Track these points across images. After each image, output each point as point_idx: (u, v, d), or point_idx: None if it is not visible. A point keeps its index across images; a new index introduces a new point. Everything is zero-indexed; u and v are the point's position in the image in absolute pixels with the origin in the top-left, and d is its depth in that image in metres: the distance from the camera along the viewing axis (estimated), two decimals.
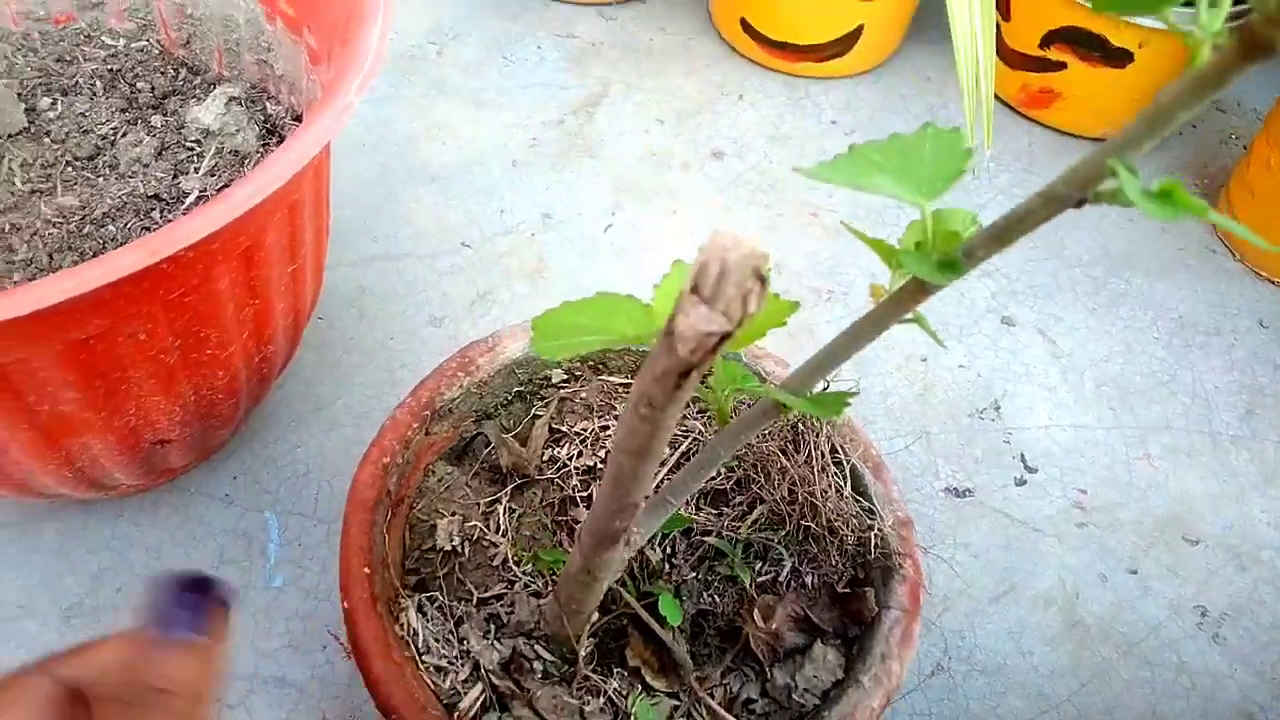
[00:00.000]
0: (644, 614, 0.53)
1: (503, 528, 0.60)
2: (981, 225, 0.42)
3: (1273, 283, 1.12)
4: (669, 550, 0.60)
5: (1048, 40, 1.17)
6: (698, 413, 0.66)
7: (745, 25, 1.24)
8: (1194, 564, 0.88)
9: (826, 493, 0.58)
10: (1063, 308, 1.06)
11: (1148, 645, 0.82)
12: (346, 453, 0.85)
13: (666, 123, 1.20)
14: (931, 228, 0.36)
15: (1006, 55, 1.23)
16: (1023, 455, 0.93)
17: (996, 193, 1.17)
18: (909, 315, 0.41)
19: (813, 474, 0.59)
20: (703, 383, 0.50)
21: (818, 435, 0.61)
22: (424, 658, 0.52)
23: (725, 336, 0.29)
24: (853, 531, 0.57)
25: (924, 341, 1.00)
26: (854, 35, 1.22)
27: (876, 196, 1.13)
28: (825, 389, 0.48)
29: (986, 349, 1.01)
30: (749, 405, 0.53)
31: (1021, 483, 0.91)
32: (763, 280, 0.27)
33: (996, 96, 1.27)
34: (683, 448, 0.64)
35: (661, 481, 0.61)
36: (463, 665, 0.52)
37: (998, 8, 1.22)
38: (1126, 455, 0.95)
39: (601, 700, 0.52)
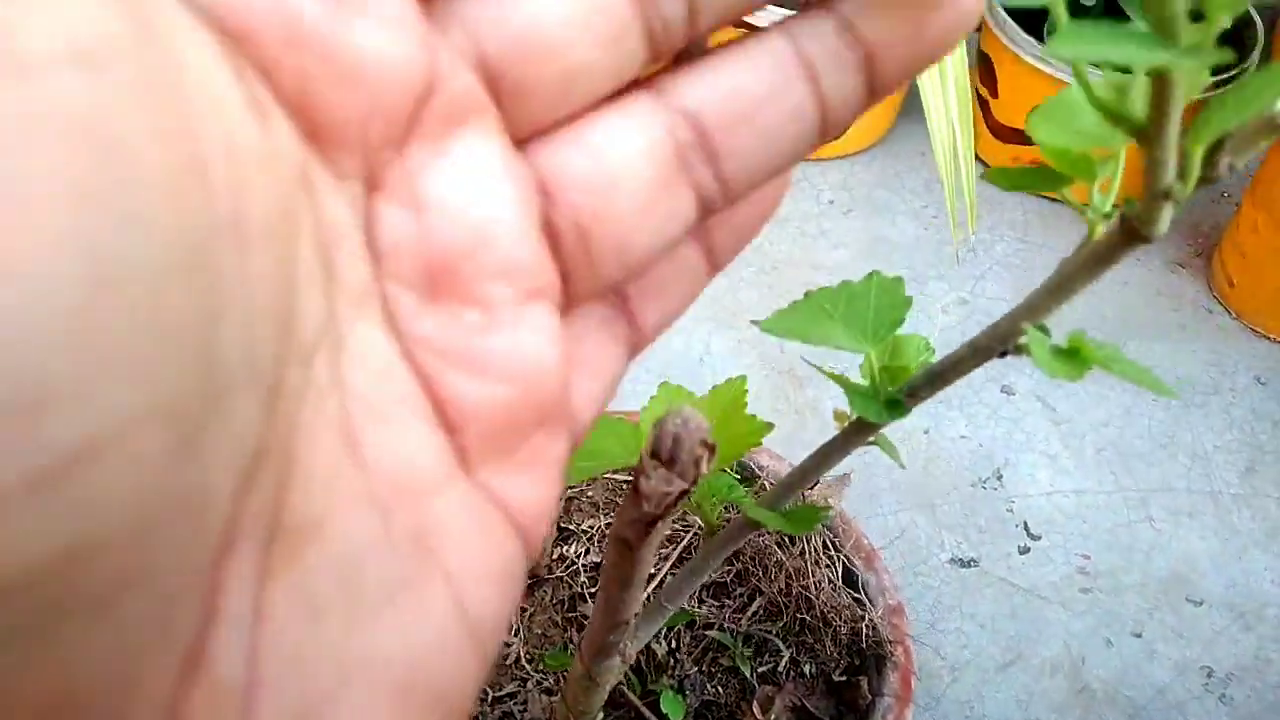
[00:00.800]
0: (647, 713, 0.57)
1: (514, 627, 0.64)
2: (933, 351, 0.46)
3: (1269, 339, 1.14)
4: (674, 644, 0.63)
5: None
6: (697, 506, 0.69)
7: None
8: (1199, 625, 0.90)
9: (820, 585, 0.62)
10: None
11: (1155, 708, 0.84)
12: None
13: None
14: (877, 372, 0.40)
15: (996, 129, 1.28)
16: (1025, 523, 0.96)
17: (993, 263, 1.21)
18: (871, 439, 0.45)
19: (806, 566, 0.63)
20: (690, 499, 0.54)
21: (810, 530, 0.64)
22: None
23: (684, 492, 0.33)
24: (845, 622, 0.60)
25: (926, 413, 1.04)
26: None
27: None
28: (813, 486, 0.52)
29: (987, 418, 1.04)
30: (739, 511, 0.57)
31: (1025, 551, 0.94)
32: (710, 448, 0.32)
33: (990, 168, 1.31)
34: (685, 541, 0.68)
35: (663, 579, 0.65)
36: None
37: (985, 84, 1.27)
38: (1128, 518, 0.97)
39: None
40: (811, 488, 0.68)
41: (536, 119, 0.17)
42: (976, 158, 1.35)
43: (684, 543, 0.68)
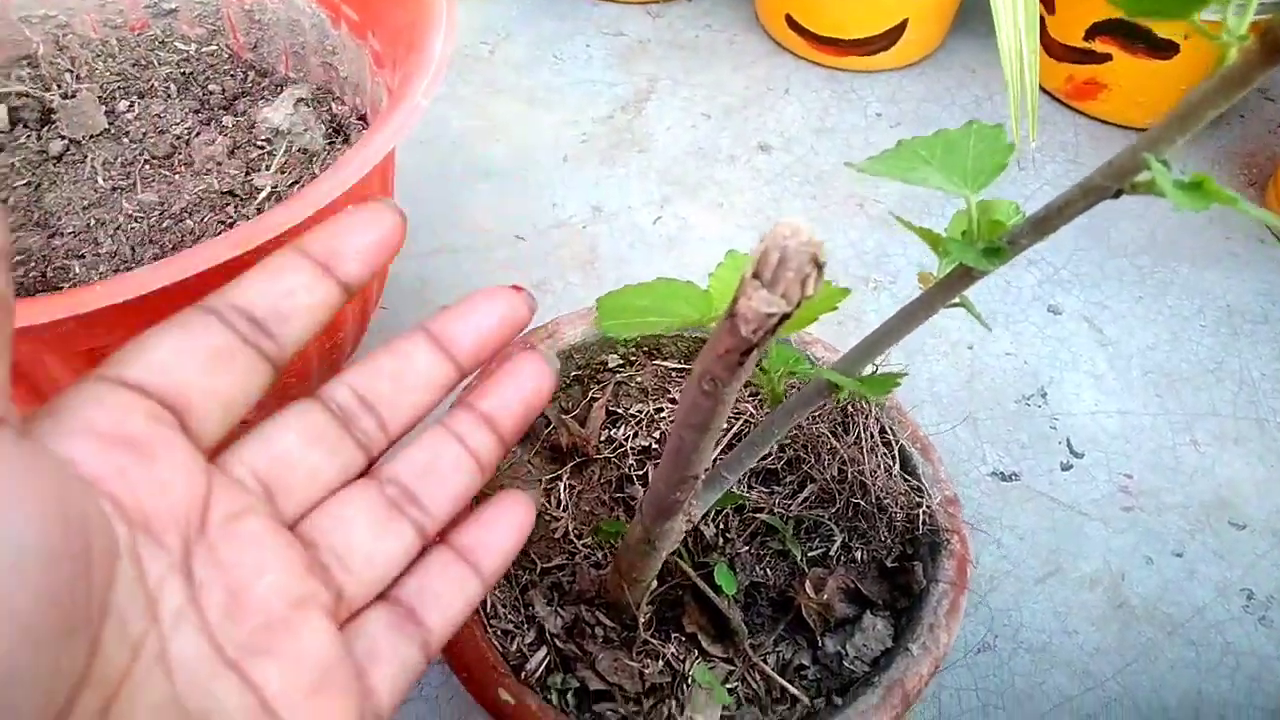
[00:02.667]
0: (701, 583, 0.56)
1: (563, 503, 0.63)
2: (1024, 215, 0.44)
3: None
4: (722, 526, 0.62)
5: (1092, 32, 1.18)
6: (750, 395, 0.68)
7: (790, 21, 1.26)
8: (1240, 548, 0.89)
9: (876, 472, 0.60)
10: (1109, 296, 1.07)
11: (1193, 626, 0.83)
12: None
13: (713, 117, 1.22)
14: (977, 217, 0.38)
15: (1051, 48, 1.24)
16: (1069, 440, 0.95)
17: (1043, 183, 1.18)
18: (955, 300, 0.43)
19: (862, 454, 0.61)
20: (758, 367, 0.52)
21: (867, 417, 0.63)
22: (492, 622, 0.55)
23: (784, 317, 0.31)
24: (901, 509, 0.59)
25: (970, 329, 1.02)
26: (899, 29, 1.24)
27: (922, 190, 1.15)
28: (874, 372, 0.50)
29: (1033, 337, 1.03)
30: (799, 388, 0.56)
31: (1068, 467, 0.93)
32: (819, 266, 0.30)
33: (1042, 88, 1.28)
34: (735, 429, 0.66)
35: (716, 460, 0.64)
36: (528, 630, 0.55)
37: (1042, 1, 1.23)
38: (1173, 441, 0.96)
39: (660, 664, 0.55)
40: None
41: (298, 505, 0.29)
42: None
43: (735, 430, 0.67)
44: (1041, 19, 1.25)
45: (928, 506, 0.58)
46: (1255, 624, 0.84)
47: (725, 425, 0.67)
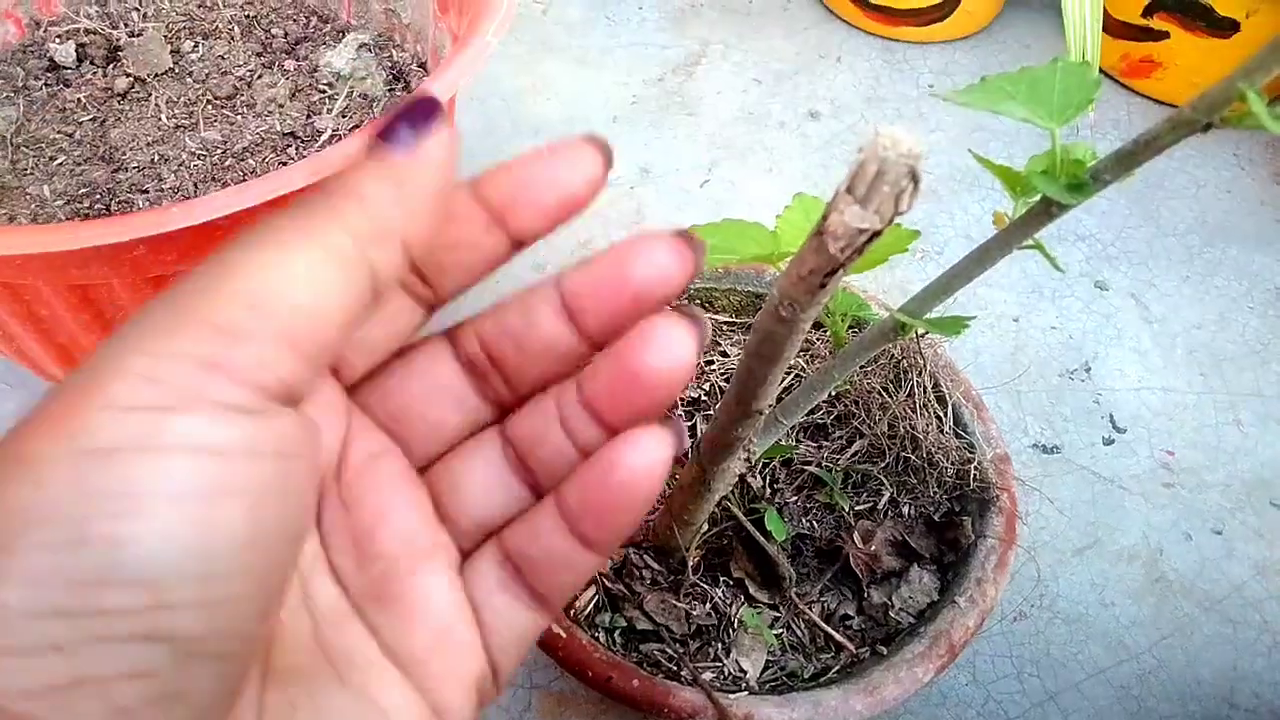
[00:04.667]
0: (750, 527, 0.57)
1: None
2: (1098, 155, 0.44)
3: None
4: (770, 478, 0.63)
5: (1151, 9, 1.17)
6: (802, 350, 0.68)
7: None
8: None
9: (928, 428, 0.61)
10: (1156, 274, 1.07)
11: (1231, 603, 0.83)
12: None
13: (764, 83, 1.22)
14: (1059, 153, 0.38)
15: (1108, 24, 1.23)
16: (1111, 416, 0.94)
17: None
18: (1030, 241, 0.44)
19: (914, 410, 0.62)
20: (825, 308, 0.53)
21: (921, 374, 0.63)
22: None
23: (875, 234, 0.31)
24: (952, 464, 0.59)
25: (1016, 302, 1.02)
26: (953, 1, 1.23)
27: (972, 163, 1.14)
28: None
29: (1079, 312, 1.02)
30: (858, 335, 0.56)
31: (1109, 442, 0.93)
32: (916, 180, 0.30)
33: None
34: (787, 382, 0.67)
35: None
36: None
37: None
38: (1216, 420, 0.95)
39: (707, 607, 0.56)
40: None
41: (424, 453, 0.28)
42: None
43: (785, 384, 0.67)
44: None
45: (979, 462, 0.59)
46: None
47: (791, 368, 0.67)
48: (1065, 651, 0.79)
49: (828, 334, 0.66)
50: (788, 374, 0.67)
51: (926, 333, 0.63)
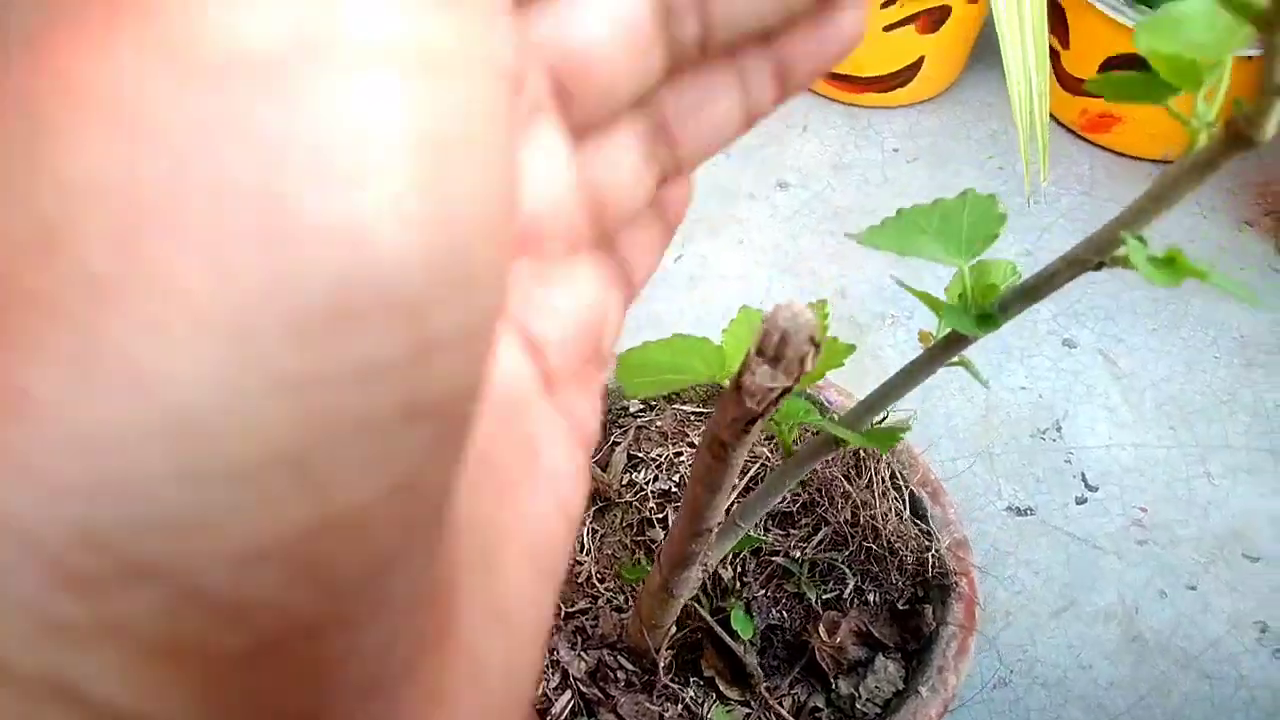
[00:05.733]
0: (718, 628, 0.58)
1: (586, 547, 0.65)
2: (1020, 277, 0.47)
3: None
4: (740, 569, 0.64)
5: (1106, 67, 1.20)
6: (766, 439, 0.70)
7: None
8: (1254, 580, 0.90)
9: (887, 515, 0.62)
10: (1124, 329, 1.09)
11: (1207, 659, 0.85)
12: None
13: (733, 155, 1.25)
14: (970, 285, 0.40)
15: (1066, 81, 1.26)
16: (1083, 474, 0.96)
17: (1059, 216, 1.20)
18: (955, 359, 0.46)
19: (874, 498, 0.64)
20: (770, 419, 0.55)
21: (878, 462, 0.65)
22: None
23: (787, 390, 0.34)
24: (912, 552, 0.61)
25: (986, 362, 1.04)
26: (915, 66, 1.26)
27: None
28: (883, 420, 0.52)
29: (1048, 370, 1.04)
30: (813, 434, 0.58)
31: (1082, 501, 0.94)
32: (817, 345, 0.32)
33: (1057, 120, 1.30)
34: (751, 472, 0.69)
35: (732, 505, 0.66)
36: (553, 674, 0.58)
37: (1056, 35, 1.25)
38: (1186, 473, 0.97)
39: (679, 707, 0.57)
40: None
41: (578, 119, 0.20)
42: None
43: (751, 474, 0.69)
44: (1055, 53, 1.27)
45: (936, 550, 0.60)
46: (1269, 657, 0.85)
47: (743, 469, 0.69)
48: (1045, 717, 0.80)
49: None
50: (754, 463, 0.69)
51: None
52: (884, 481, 0.64)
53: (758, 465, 0.69)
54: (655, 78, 0.20)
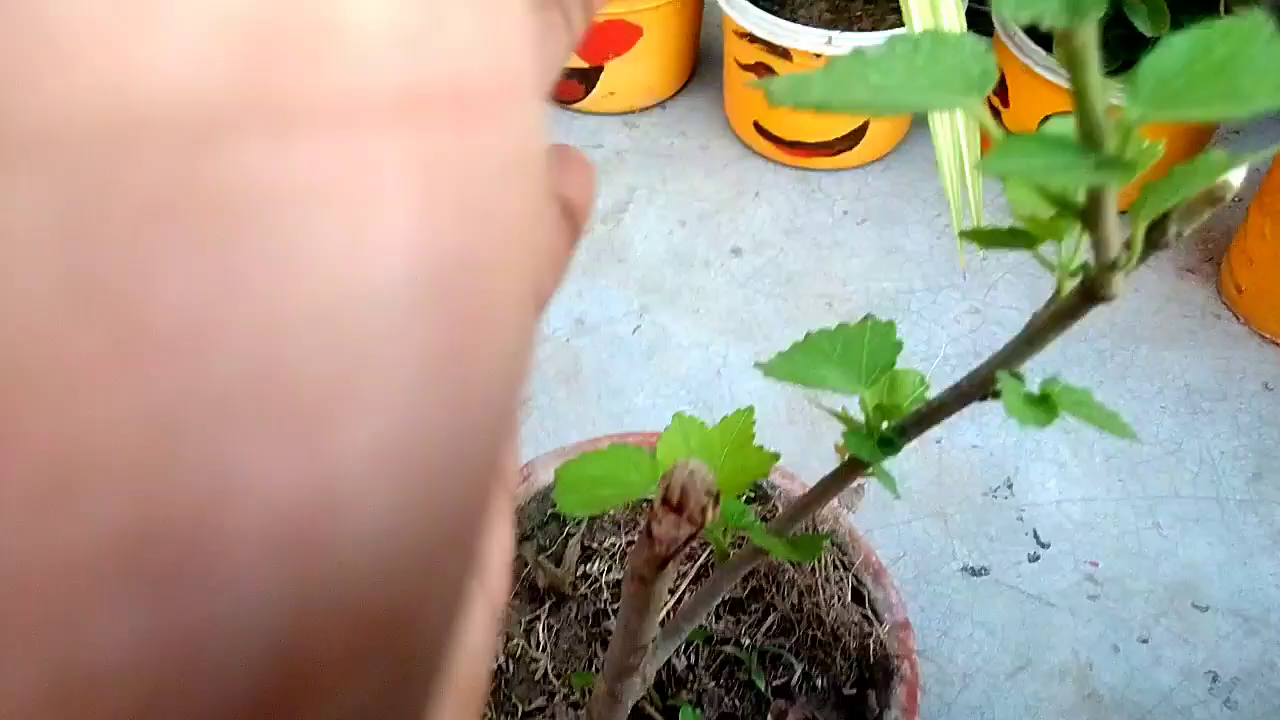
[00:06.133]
0: None
1: (543, 643, 0.67)
2: (927, 389, 0.49)
3: (1277, 345, 1.16)
4: (692, 659, 0.66)
5: (1045, 121, 1.24)
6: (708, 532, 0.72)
7: (758, 127, 1.32)
8: (1204, 630, 0.92)
9: (830, 602, 0.65)
10: (1070, 381, 1.11)
11: (1161, 713, 0.87)
12: None
13: (688, 224, 1.28)
14: (871, 413, 0.43)
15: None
16: (1035, 531, 0.99)
17: (1005, 271, 1.23)
18: (870, 470, 0.48)
19: (817, 583, 0.66)
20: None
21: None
22: None
23: (692, 536, 0.36)
24: (854, 638, 0.63)
25: (938, 424, 1.06)
26: (861, 130, 1.30)
27: (889, 285, 1.20)
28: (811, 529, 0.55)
29: (998, 428, 1.07)
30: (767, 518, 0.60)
31: (1035, 558, 0.97)
32: (716, 497, 0.35)
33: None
34: (702, 559, 0.71)
35: (682, 596, 0.68)
36: None
37: (996, 94, 1.29)
38: (1136, 525, 1.00)
39: None
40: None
41: None
42: None
43: (702, 559, 0.71)
44: (997, 111, 1.31)
45: (877, 636, 0.63)
46: (1220, 707, 0.87)
47: (692, 555, 0.71)
48: None
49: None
50: (703, 550, 0.71)
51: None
52: (827, 566, 0.66)
53: (708, 551, 0.71)
54: None
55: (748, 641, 0.66)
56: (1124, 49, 1.17)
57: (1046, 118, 0.98)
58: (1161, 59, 0.26)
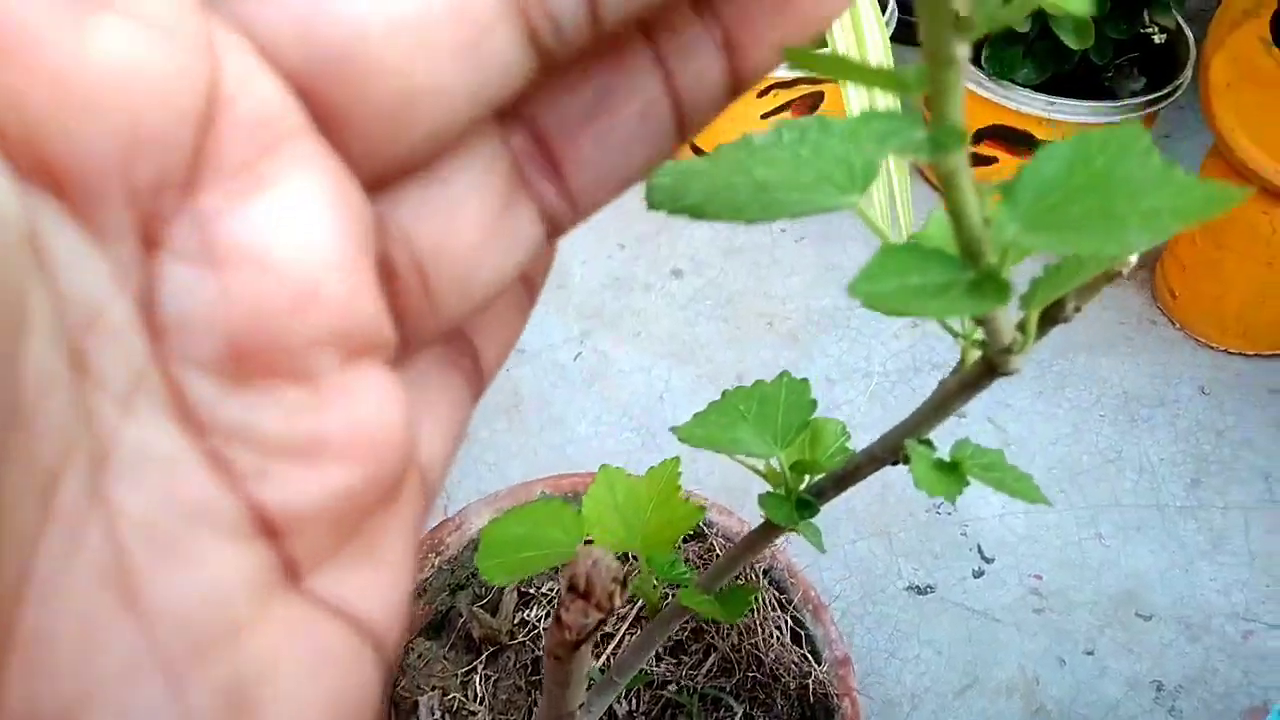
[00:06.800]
0: None
1: (480, 695, 0.66)
2: (849, 439, 0.49)
3: (1212, 348, 1.18)
4: (633, 703, 0.66)
5: (979, 137, 1.24)
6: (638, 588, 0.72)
7: (694, 147, 1.32)
8: (1148, 639, 0.93)
9: (770, 641, 0.64)
10: (1010, 394, 1.12)
11: None
12: None
13: (628, 246, 1.27)
14: (787, 475, 0.42)
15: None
16: (979, 546, 0.99)
17: None
18: (795, 526, 0.48)
19: (756, 623, 0.65)
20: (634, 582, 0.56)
21: (760, 580, 0.67)
22: None
23: (602, 621, 0.35)
24: (794, 678, 0.63)
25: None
26: None
27: (828, 301, 1.20)
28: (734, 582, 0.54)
29: (940, 443, 1.07)
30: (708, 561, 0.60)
31: (979, 574, 0.97)
32: (623, 583, 0.34)
33: (936, 188, 1.34)
34: (641, 602, 0.70)
35: (622, 639, 0.68)
36: None
37: (928, 107, 1.30)
38: (1078, 536, 1.00)
39: None
40: None
41: (365, 158, 0.13)
42: (923, 176, 1.38)
43: (640, 602, 0.70)
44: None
45: (817, 676, 0.62)
46: (1166, 715, 0.88)
47: (635, 597, 0.70)
48: None
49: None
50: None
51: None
52: (766, 605, 0.66)
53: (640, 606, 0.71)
54: (510, 81, 0.13)
55: (689, 684, 0.65)
56: (1052, 61, 1.18)
57: (978, 131, 0.97)
58: (1041, 168, 0.25)
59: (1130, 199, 0.23)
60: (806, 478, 0.44)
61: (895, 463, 0.39)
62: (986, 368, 0.33)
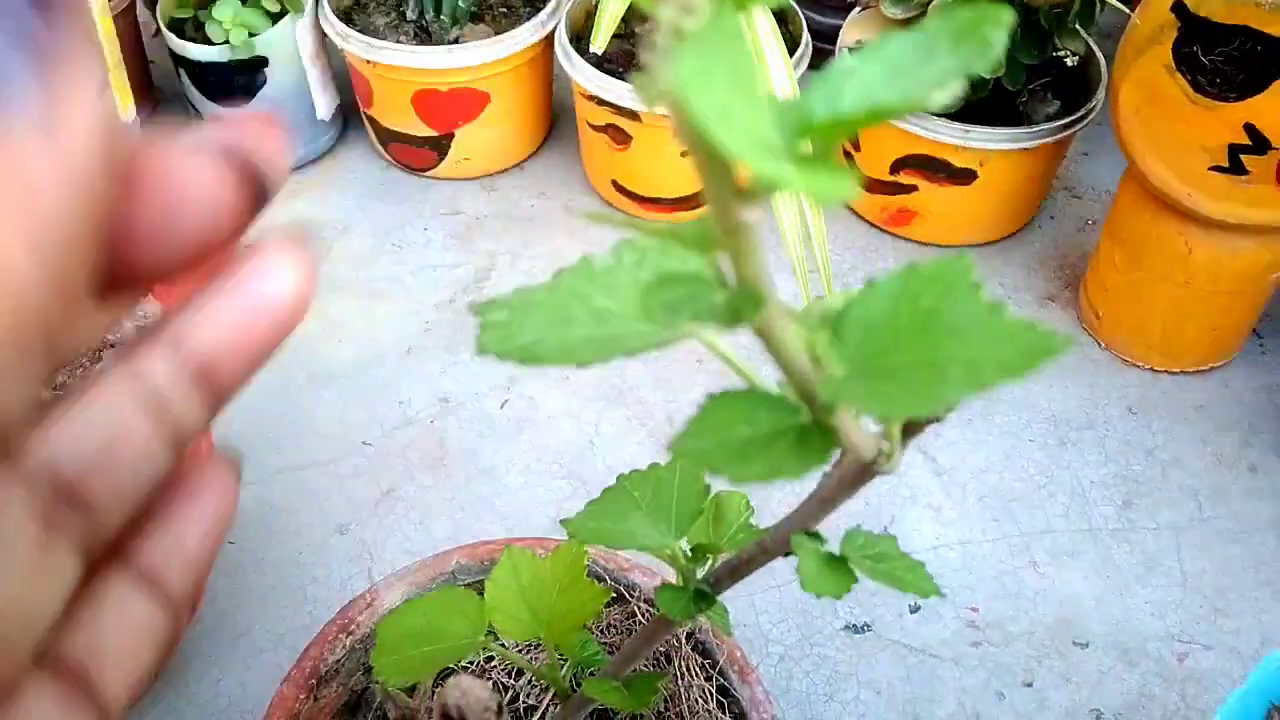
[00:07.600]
0: None
1: None
2: (752, 512, 0.48)
3: (1138, 367, 1.18)
4: None
5: (897, 166, 1.25)
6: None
7: (617, 185, 1.31)
8: (1085, 667, 0.93)
9: (695, 708, 0.63)
10: (940, 423, 1.12)
11: None
12: (269, 679, 0.88)
13: None
14: (684, 564, 0.41)
15: (862, 181, 1.31)
16: None
17: None
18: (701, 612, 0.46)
19: (680, 686, 0.64)
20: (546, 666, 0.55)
21: (683, 644, 0.65)
22: None
23: None
24: None
25: (813, 476, 1.06)
26: None
27: (754, 339, 1.19)
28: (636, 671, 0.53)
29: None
30: (639, 623, 0.58)
31: (915, 609, 0.96)
32: (498, 710, 0.33)
33: (861, 217, 1.34)
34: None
35: (545, 712, 0.66)
36: None
37: (849, 140, 1.30)
38: (1013, 564, 1.00)
39: None
40: None
41: None
42: (848, 208, 1.38)
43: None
44: (850, 155, 1.32)
45: None
46: None
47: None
48: None
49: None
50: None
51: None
52: (693, 669, 0.64)
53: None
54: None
55: None
56: (966, 89, 1.18)
57: (897, 160, 0.97)
58: (869, 304, 0.24)
59: (955, 345, 0.22)
60: (709, 560, 0.43)
61: (787, 554, 0.37)
62: (863, 469, 0.32)
